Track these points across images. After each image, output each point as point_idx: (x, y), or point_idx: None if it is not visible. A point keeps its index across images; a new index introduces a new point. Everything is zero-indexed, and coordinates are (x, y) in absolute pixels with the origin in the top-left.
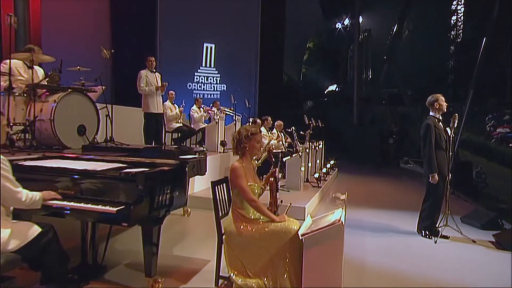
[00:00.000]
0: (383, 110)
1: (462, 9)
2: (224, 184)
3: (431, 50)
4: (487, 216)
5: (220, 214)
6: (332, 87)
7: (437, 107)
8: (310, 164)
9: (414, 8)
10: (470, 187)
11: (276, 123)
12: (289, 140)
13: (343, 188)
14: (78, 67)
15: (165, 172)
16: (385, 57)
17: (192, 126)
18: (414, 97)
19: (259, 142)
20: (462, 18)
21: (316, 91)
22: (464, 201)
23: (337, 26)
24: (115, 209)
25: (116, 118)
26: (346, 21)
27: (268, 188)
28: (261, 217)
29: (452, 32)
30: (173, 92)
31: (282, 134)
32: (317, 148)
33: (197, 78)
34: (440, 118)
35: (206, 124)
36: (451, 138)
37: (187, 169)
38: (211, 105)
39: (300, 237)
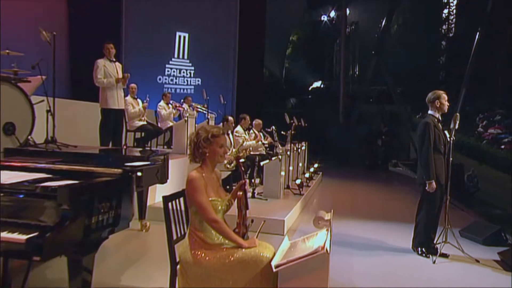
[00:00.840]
0: (371, 109)
1: (455, 2)
2: (182, 199)
3: (421, 45)
4: (489, 229)
5: (175, 237)
6: (317, 84)
7: (438, 105)
8: (291, 168)
9: (404, 0)
10: (462, 192)
11: (254, 122)
12: (269, 139)
13: (328, 196)
14: (7, 51)
15: (102, 185)
16: (373, 52)
17: (159, 124)
18: (404, 95)
19: (223, 146)
20: (454, 11)
21: (299, 87)
22: (461, 210)
23: (322, 18)
24: (25, 237)
25: (72, 115)
26: (332, 13)
27: (237, 203)
28: (226, 242)
29: (444, 26)
30: (135, 86)
31: (261, 134)
32: (299, 150)
33: (168, 71)
34: (440, 118)
35: (175, 123)
36: (451, 142)
37: (134, 179)
38: (181, 101)
39: (274, 269)
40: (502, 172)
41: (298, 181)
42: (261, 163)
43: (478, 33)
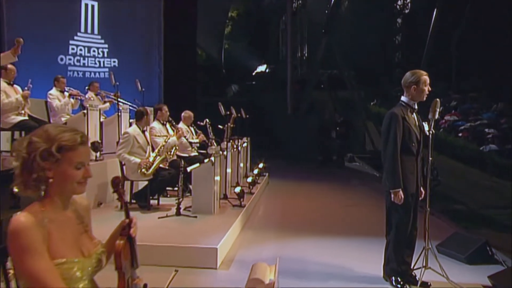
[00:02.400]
0: (322, 96)
1: None
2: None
3: (375, 22)
4: (472, 243)
5: None
6: (262, 68)
7: (414, 91)
8: (229, 171)
9: None
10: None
11: (183, 115)
12: (201, 136)
13: (275, 205)
14: None
15: None
16: (323, 31)
17: (51, 120)
18: (357, 79)
19: (81, 166)
20: None
21: (242, 72)
22: (431, 215)
23: None
24: None
25: None
26: None
27: (115, 261)
28: None
29: (399, 2)
30: (12, 68)
31: (192, 129)
32: (239, 147)
33: (73, 49)
34: (415, 107)
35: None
36: (430, 137)
37: None
38: (86, 88)
39: None
40: (460, 162)
41: (237, 189)
42: (188, 169)
43: (436, 9)
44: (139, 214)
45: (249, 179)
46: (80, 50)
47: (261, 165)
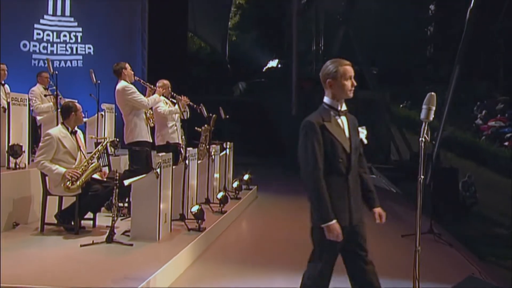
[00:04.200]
0: None
1: None
2: None
3: (403, 10)
4: None
5: None
6: (273, 63)
7: (331, 87)
8: (194, 183)
9: None
10: (456, 206)
11: (158, 84)
12: (184, 100)
13: (256, 228)
14: None
15: None
16: (340, 19)
17: None
18: (381, 77)
19: None
20: None
21: (251, 68)
22: (448, 245)
23: None
24: None
25: None
26: None
27: None
28: None
29: None
30: None
31: (169, 102)
32: (213, 156)
33: (38, 34)
34: (343, 108)
35: None
36: (422, 147)
37: None
38: (37, 82)
39: None
40: (504, 177)
41: (194, 209)
42: (125, 182)
43: None
44: (61, 239)
45: (220, 195)
46: (48, 35)
47: (246, 177)
